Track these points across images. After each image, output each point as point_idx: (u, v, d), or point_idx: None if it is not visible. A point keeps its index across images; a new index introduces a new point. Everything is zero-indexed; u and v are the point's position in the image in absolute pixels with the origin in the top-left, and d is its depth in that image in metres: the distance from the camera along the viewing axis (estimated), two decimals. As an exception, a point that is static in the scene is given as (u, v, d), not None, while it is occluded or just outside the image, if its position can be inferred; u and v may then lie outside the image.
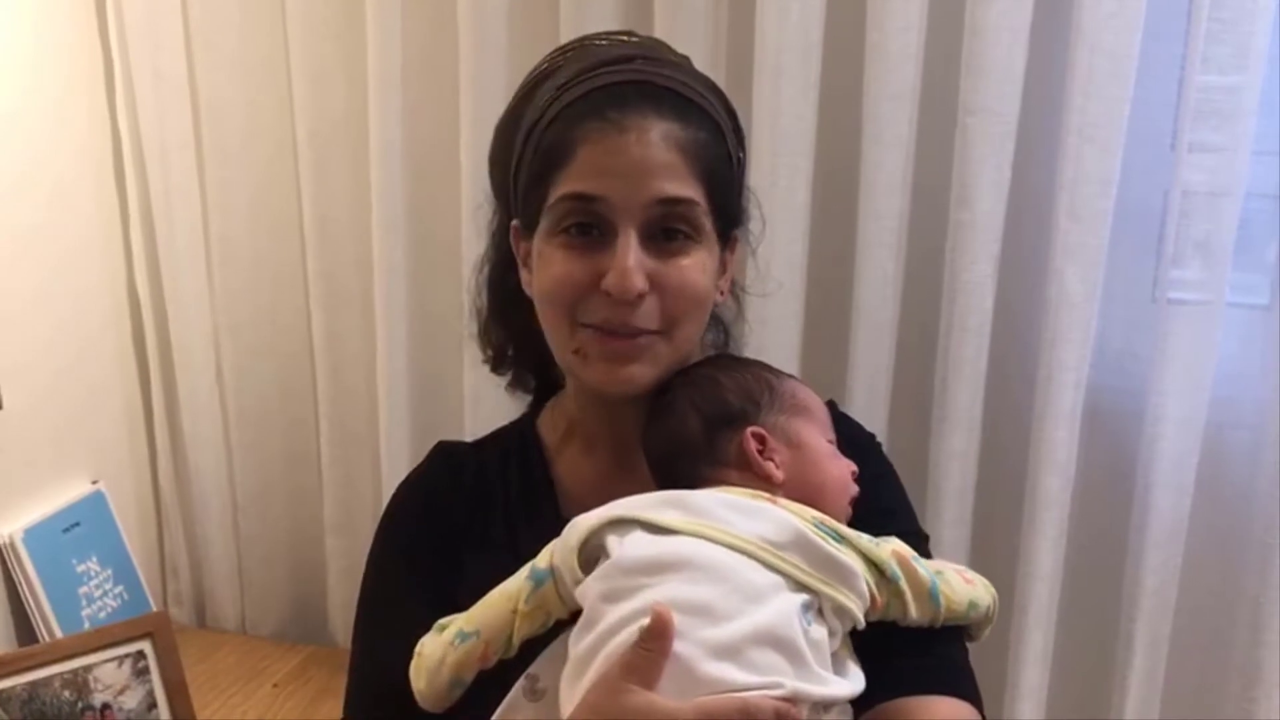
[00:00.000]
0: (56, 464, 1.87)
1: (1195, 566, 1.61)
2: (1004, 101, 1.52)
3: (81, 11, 1.89)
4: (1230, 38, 1.46)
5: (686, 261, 1.02)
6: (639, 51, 1.08)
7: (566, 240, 1.02)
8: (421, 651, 1.00)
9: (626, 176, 1.00)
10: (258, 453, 2.08)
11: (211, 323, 2.00)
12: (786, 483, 0.99)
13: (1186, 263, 1.53)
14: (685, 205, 1.01)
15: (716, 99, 1.09)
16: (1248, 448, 1.58)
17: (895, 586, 0.94)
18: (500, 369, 1.23)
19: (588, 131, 1.00)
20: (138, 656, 1.69)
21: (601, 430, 1.13)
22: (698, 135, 1.03)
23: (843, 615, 0.91)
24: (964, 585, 0.99)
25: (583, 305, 1.02)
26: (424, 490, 1.17)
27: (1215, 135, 1.49)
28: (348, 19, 1.80)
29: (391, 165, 1.78)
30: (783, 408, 1.03)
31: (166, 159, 1.92)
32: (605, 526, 0.93)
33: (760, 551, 0.90)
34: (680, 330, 1.04)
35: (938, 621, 0.97)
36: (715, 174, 1.04)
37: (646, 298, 1.00)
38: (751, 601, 0.87)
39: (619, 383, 1.03)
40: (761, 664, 0.85)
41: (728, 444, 1.01)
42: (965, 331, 1.59)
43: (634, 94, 1.02)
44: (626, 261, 0.99)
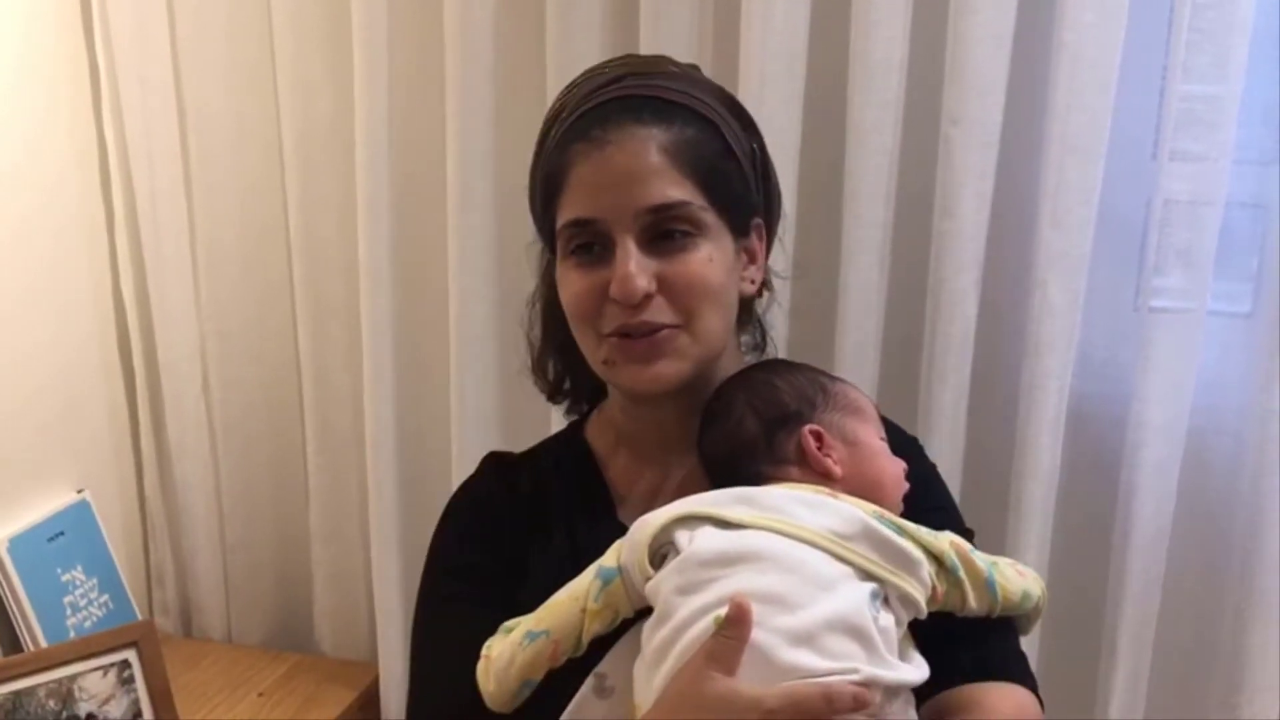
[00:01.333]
0: (41, 473, 1.86)
1: (1178, 572, 1.62)
2: (987, 111, 1.53)
3: (68, 18, 1.89)
4: (1210, 47, 1.46)
5: (690, 256, 1.06)
6: (629, 70, 1.13)
7: (575, 261, 1.08)
8: (489, 654, 1.02)
9: (614, 190, 1.04)
10: (244, 461, 2.07)
11: (198, 330, 2.00)
12: (845, 478, 1.03)
13: (1168, 271, 1.54)
14: (677, 207, 1.05)
15: (712, 97, 1.13)
16: (1229, 454, 1.59)
17: (954, 577, 0.98)
18: (557, 398, 1.28)
19: (575, 155, 1.07)
20: (123, 665, 1.69)
21: (648, 435, 1.17)
22: (683, 134, 1.07)
23: (907, 604, 0.95)
24: (1017, 577, 1.04)
25: (600, 317, 1.07)
26: (480, 499, 1.22)
27: (1196, 144, 1.49)
28: (334, 27, 1.81)
29: (377, 173, 1.79)
30: (837, 407, 1.08)
31: (152, 166, 1.92)
32: (674, 523, 0.96)
33: (828, 543, 0.94)
34: (699, 322, 1.07)
35: (994, 612, 1.01)
36: (709, 168, 1.07)
37: (655, 297, 1.05)
38: (823, 590, 0.91)
39: (648, 381, 1.07)
40: (837, 650, 0.88)
41: (786, 443, 1.05)
42: (949, 339, 1.59)
43: (615, 110, 1.07)
44: (626, 268, 1.03)
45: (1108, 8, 1.47)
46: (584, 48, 1.65)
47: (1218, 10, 1.46)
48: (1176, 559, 1.61)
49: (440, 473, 1.87)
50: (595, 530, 1.09)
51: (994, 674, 1.02)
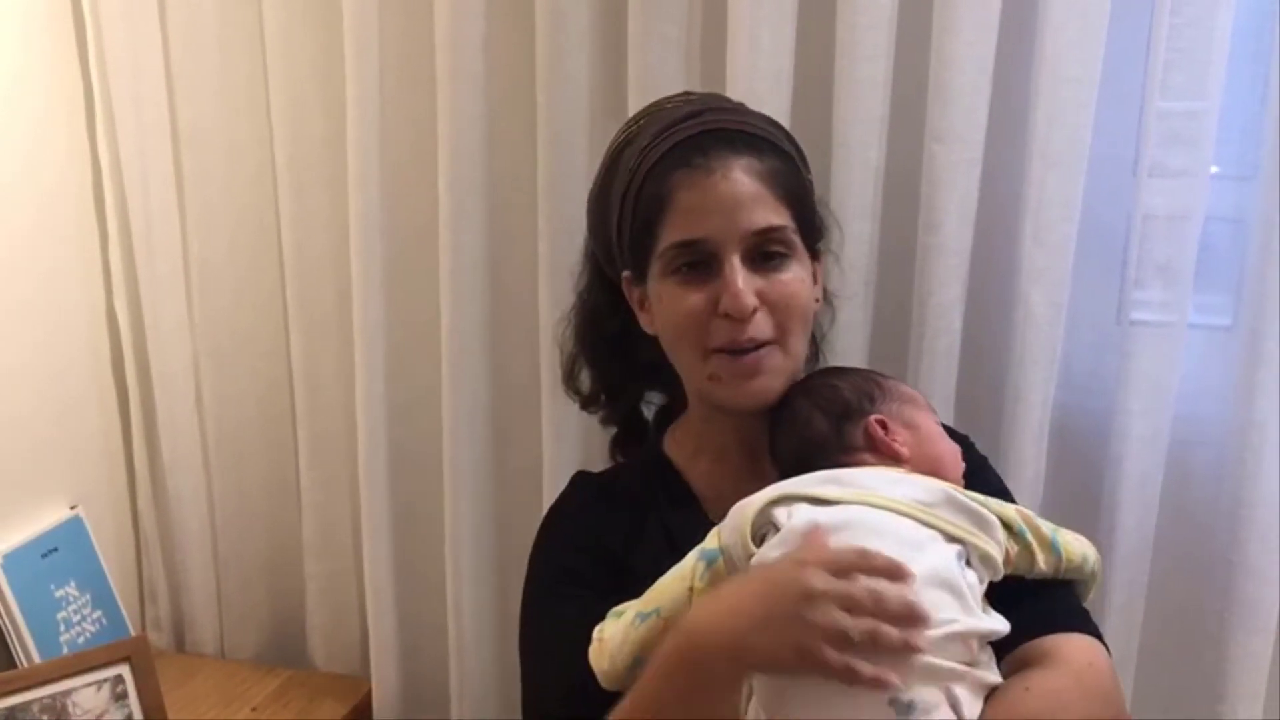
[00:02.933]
0: (35, 489, 1.87)
1: (1161, 582, 1.63)
2: (970, 128, 1.55)
3: (61, 38, 1.91)
4: (1189, 64, 1.49)
5: (787, 276, 1.18)
6: (704, 105, 1.24)
7: (680, 279, 1.17)
8: (602, 636, 1.09)
9: (721, 213, 1.15)
10: (236, 476, 2.08)
11: (191, 347, 2.01)
12: (912, 459, 1.13)
13: (1149, 285, 1.56)
14: (778, 230, 1.17)
15: (779, 131, 1.25)
16: (1211, 465, 1.61)
17: (1023, 540, 1.08)
18: (591, 408, 1.40)
19: (679, 180, 1.16)
20: (116, 681, 1.70)
21: (731, 442, 1.26)
22: (774, 165, 1.18)
23: (987, 563, 1.03)
24: (1076, 541, 1.14)
25: (707, 333, 1.17)
26: (575, 509, 1.30)
27: (1176, 160, 1.51)
28: (326, 47, 1.82)
29: (369, 191, 1.80)
30: (894, 398, 1.18)
31: (146, 184, 1.93)
32: (772, 504, 1.04)
33: (915, 510, 1.02)
34: (791, 339, 1.19)
35: (1060, 571, 1.11)
36: (796, 196, 1.20)
37: (759, 312, 1.15)
38: (916, 551, 0.98)
39: (753, 396, 1.18)
40: (935, 602, 0.95)
41: (854, 433, 1.14)
42: (934, 352, 1.61)
43: (711, 140, 1.17)
44: (737, 284, 1.14)
45: (1088, 26, 1.49)
46: (574, 66, 1.67)
47: (1196, 28, 1.48)
48: (1160, 569, 1.63)
49: (432, 487, 1.88)
50: (688, 526, 1.16)
51: (1064, 626, 1.09)
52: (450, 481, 1.84)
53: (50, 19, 1.88)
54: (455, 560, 1.87)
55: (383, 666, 1.96)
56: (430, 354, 1.85)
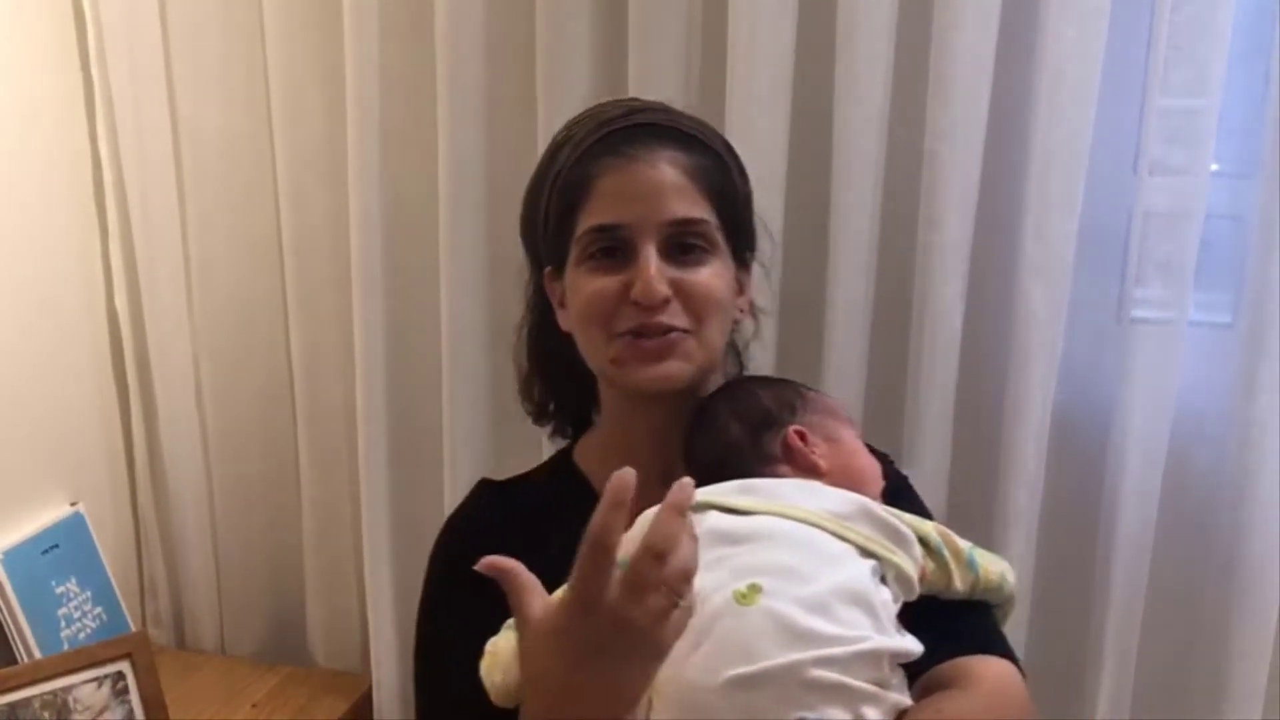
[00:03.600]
0: (35, 486, 1.87)
1: (1161, 580, 1.64)
2: (971, 126, 1.55)
3: (61, 35, 1.90)
4: (1189, 62, 1.49)
5: (704, 270, 1.14)
6: (645, 106, 1.22)
7: (594, 265, 1.14)
8: (495, 650, 1.04)
9: (641, 200, 1.12)
10: (237, 473, 2.08)
11: (191, 344, 2.01)
12: (830, 472, 1.09)
13: (1149, 282, 1.56)
14: (698, 224, 1.14)
15: (719, 141, 1.22)
16: (1211, 462, 1.61)
17: (940, 558, 1.05)
18: (542, 421, 1.35)
19: (603, 166, 1.14)
20: (117, 677, 1.70)
21: (641, 447, 1.19)
22: (702, 161, 1.16)
23: (902, 581, 1.00)
24: (994, 561, 1.10)
25: (615, 317, 1.13)
26: (475, 519, 1.26)
27: (1176, 158, 1.52)
28: (326, 45, 1.82)
29: (369, 189, 1.80)
30: (815, 409, 1.14)
31: (146, 182, 1.93)
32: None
33: (829, 523, 0.99)
34: (706, 329, 1.14)
35: (976, 590, 1.08)
36: (722, 195, 1.17)
37: (671, 302, 1.12)
38: (830, 565, 0.96)
39: (657, 379, 1.13)
40: (848, 619, 0.92)
41: (773, 443, 1.11)
42: (935, 350, 1.62)
43: (641, 132, 1.16)
44: (649, 270, 1.10)
45: (1088, 24, 1.49)
46: (574, 67, 1.67)
47: (1196, 25, 1.48)
48: (1160, 566, 1.63)
49: (432, 485, 1.89)
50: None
51: (979, 648, 1.06)
52: (450, 478, 1.84)
53: (50, 16, 1.88)
54: (455, 557, 1.87)
55: (383, 663, 1.96)
56: (430, 351, 1.85)
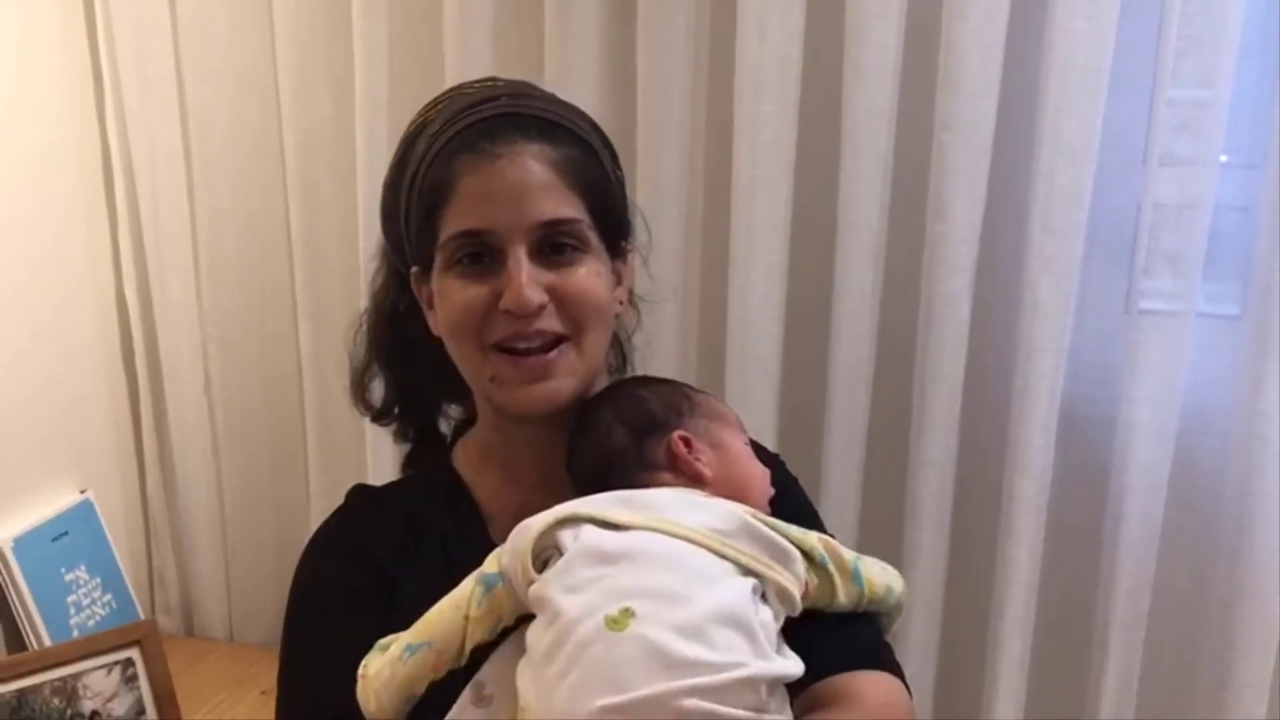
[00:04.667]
0: (45, 473, 1.88)
1: (1168, 571, 1.64)
2: (979, 116, 1.55)
3: (71, 23, 1.91)
4: (1199, 53, 1.49)
5: (579, 271, 1.07)
6: (504, 91, 1.14)
7: (461, 271, 1.06)
8: (366, 673, 1.00)
9: (507, 202, 1.04)
10: (245, 462, 2.09)
11: (200, 333, 2.02)
12: (714, 480, 1.05)
13: (1158, 274, 1.56)
14: (568, 224, 1.06)
15: (585, 123, 1.14)
16: (1218, 455, 1.61)
17: (824, 570, 1.01)
18: (383, 422, 1.27)
19: (463, 165, 1.05)
20: (126, 664, 1.71)
21: (522, 453, 1.15)
22: (569, 153, 1.08)
23: (784, 599, 0.96)
24: (880, 572, 1.06)
25: (486, 328, 1.06)
26: (347, 526, 1.19)
27: (1185, 149, 1.52)
28: (334, 32, 1.82)
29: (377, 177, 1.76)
30: (702, 414, 1.09)
31: (155, 170, 1.94)
32: (557, 525, 0.96)
33: (709, 540, 0.94)
34: (586, 336, 1.08)
35: (861, 604, 1.03)
36: (592, 188, 1.09)
37: (546, 308, 1.05)
38: (706, 585, 0.91)
39: (539, 401, 1.07)
40: (724, 643, 0.88)
41: (656, 449, 1.06)
42: (943, 341, 1.62)
43: (502, 124, 1.07)
44: (520, 278, 1.03)
45: (1098, 14, 1.49)
46: (582, 55, 1.67)
47: (1206, 16, 1.48)
48: (1166, 558, 1.63)
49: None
50: (468, 546, 1.07)
51: (863, 663, 1.03)
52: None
53: (60, 6, 1.88)
54: (463, 546, 1.87)
55: (390, 651, 1.97)
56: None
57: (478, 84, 1.18)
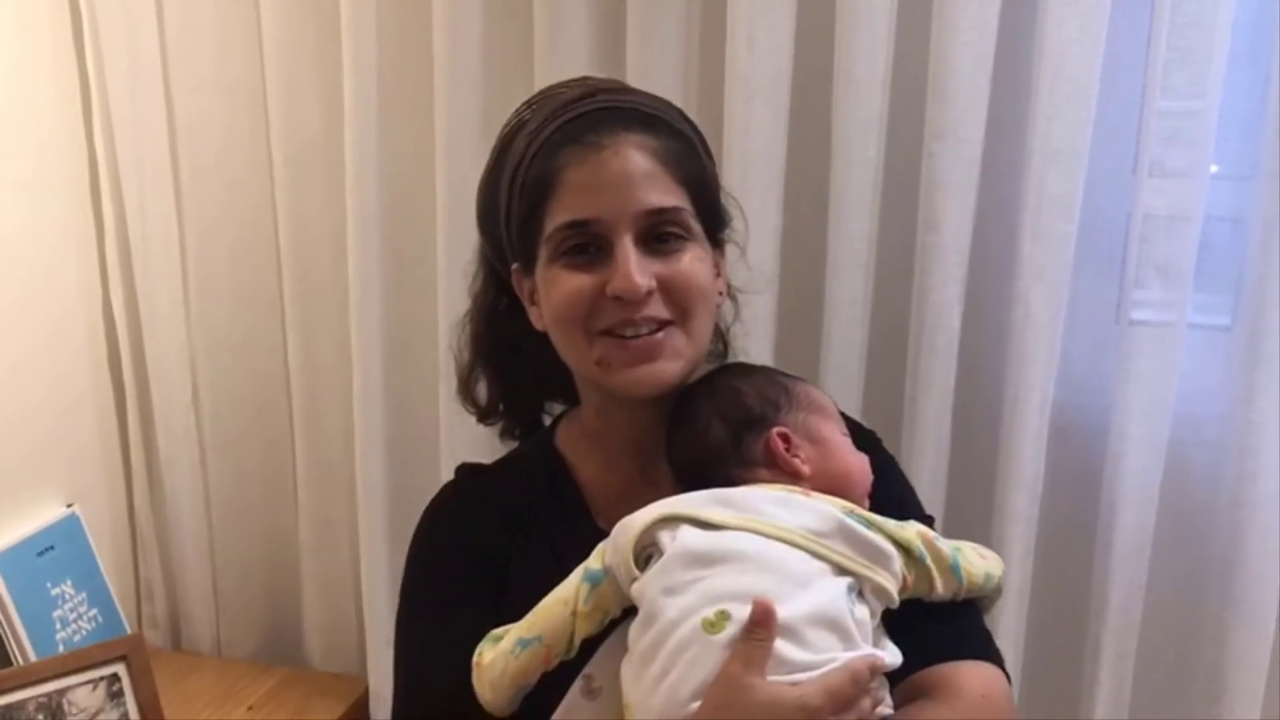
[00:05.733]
0: (31, 487, 1.87)
1: (1159, 582, 1.63)
2: (969, 127, 1.55)
3: (59, 31, 1.90)
4: (1189, 64, 1.49)
5: (685, 257, 1.08)
6: (600, 87, 1.15)
7: (568, 262, 1.08)
8: (481, 661, 1.03)
9: (612, 191, 1.06)
10: (233, 475, 2.08)
11: (187, 345, 2.01)
12: (813, 476, 1.06)
13: (1149, 284, 1.56)
14: (673, 212, 1.08)
15: (680, 116, 1.16)
16: (1209, 465, 1.61)
17: (922, 566, 1.02)
18: (489, 420, 1.29)
19: (568, 157, 1.07)
20: (112, 679, 1.69)
21: (623, 439, 1.17)
22: (670, 144, 1.10)
23: (881, 595, 0.98)
24: (979, 560, 1.07)
25: (594, 316, 1.07)
26: (456, 507, 1.22)
27: (1175, 160, 1.52)
28: (323, 42, 1.82)
29: (366, 188, 1.80)
30: (800, 407, 1.10)
31: (142, 180, 1.93)
32: (656, 524, 0.98)
33: (805, 541, 0.96)
34: (693, 320, 1.09)
35: (960, 594, 1.05)
36: (693, 179, 1.11)
37: (653, 295, 1.07)
38: (801, 587, 0.94)
39: (646, 382, 1.08)
40: (817, 643, 0.91)
41: (754, 445, 1.07)
42: (933, 352, 1.61)
43: (604, 118, 1.09)
44: (629, 265, 1.05)
45: (1088, 25, 1.49)
46: (571, 65, 1.66)
47: (1196, 27, 1.48)
48: (1158, 568, 1.63)
49: (430, 485, 1.84)
50: (573, 535, 1.10)
51: (962, 653, 1.05)
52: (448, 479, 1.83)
53: (48, 12, 1.88)
54: (452, 559, 1.86)
55: (380, 665, 1.95)
56: (427, 351, 1.85)
57: (572, 82, 1.19)
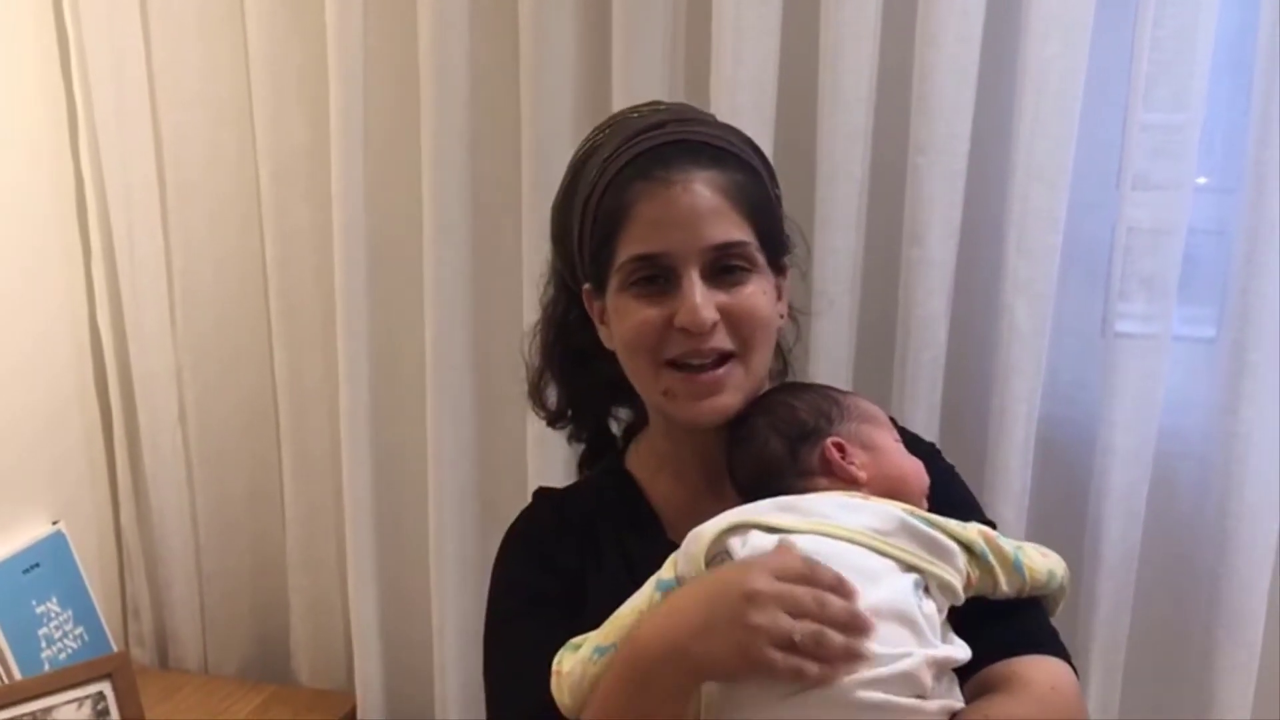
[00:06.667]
0: (16, 504, 1.86)
1: (1146, 595, 1.63)
2: (953, 141, 1.55)
3: (45, 50, 1.90)
4: (1171, 77, 1.49)
5: (748, 290, 1.14)
6: (670, 116, 1.21)
7: (637, 292, 1.14)
8: (560, 669, 1.06)
9: (680, 227, 1.12)
10: (220, 491, 2.07)
11: (174, 361, 2.01)
12: (870, 481, 1.10)
13: (1133, 297, 1.56)
14: (738, 246, 1.14)
15: (746, 145, 1.22)
16: (1195, 477, 1.61)
17: (985, 563, 1.05)
18: (557, 425, 1.35)
19: (638, 193, 1.13)
20: (98, 698, 1.69)
21: (691, 459, 1.23)
22: (736, 178, 1.15)
23: (946, 591, 1.01)
24: (1041, 558, 1.11)
25: (661, 345, 1.14)
26: (535, 529, 1.28)
27: (1159, 172, 1.52)
28: (309, 59, 1.82)
29: (353, 205, 1.80)
30: (852, 417, 1.14)
31: (129, 198, 1.93)
32: (726, 532, 1.01)
33: (870, 540, 1.00)
34: (754, 354, 1.15)
35: (1024, 592, 1.08)
36: (758, 210, 1.16)
37: (718, 326, 1.12)
38: (871, 582, 0.96)
39: (709, 414, 1.15)
40: (889, 637, 0.94)
41: (810, 456, 1.11)
42: (920, 366, 1.61)
43: (673, 152, 1.14)
44: (695, 299, 1.11)
45: (1071, 39, 1.50)
46: (556, 82, 1.67)
47: (1179, 40, 1.49)
48: (1145, 581, 1.63)
49: (417, 501, 1.88)
50: (647, 549, 1.14)
51: (1029, 647, 1.07)
52: (434, 495, 1.84)
53: (33, 30, 1.88)
54: (439, 575, 1.86)
55: (367, 682, 1.95)
56: (414, 366, 1.85)
57: (643, 108, 1.25)
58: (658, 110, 1.24)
